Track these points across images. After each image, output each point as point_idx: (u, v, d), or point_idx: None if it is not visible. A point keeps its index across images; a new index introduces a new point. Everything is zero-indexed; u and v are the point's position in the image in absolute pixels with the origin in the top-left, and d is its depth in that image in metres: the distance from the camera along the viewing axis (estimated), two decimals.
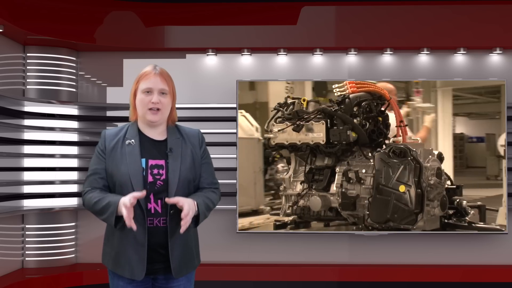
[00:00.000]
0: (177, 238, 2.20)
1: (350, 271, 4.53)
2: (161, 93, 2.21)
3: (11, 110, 4.20)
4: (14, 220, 4.42)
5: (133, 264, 2.17)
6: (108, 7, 4.57)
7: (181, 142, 2.27)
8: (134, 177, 2.16)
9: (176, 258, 2.20)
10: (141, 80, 2.22)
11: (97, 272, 4.46)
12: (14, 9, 4.03)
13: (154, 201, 2.18)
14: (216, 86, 4.71)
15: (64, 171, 4.56)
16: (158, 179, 2.19)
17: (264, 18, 4.60)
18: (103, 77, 4.77)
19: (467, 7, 4.55)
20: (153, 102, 2.19)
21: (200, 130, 2.38)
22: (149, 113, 2.20)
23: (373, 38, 4.57)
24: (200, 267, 2.41)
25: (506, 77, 4.55)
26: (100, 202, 2.15)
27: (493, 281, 4.49)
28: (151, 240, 2.17)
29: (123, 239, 2.19)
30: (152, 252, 2.18)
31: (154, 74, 2.22)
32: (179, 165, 2.21)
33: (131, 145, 2.22)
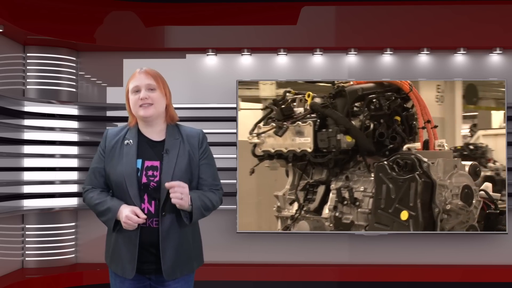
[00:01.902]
0: (171, 240, 2.19)
1: (350, 271, 4.53)
2: (149, 89, 2.22)
3: (11, 110, 4.20)
4: (14, 220, 4.42)
5: (124, 262, 2.20)
6: (108, 7, 4.57)
7: (179, 143, 2.25)
8: (128, 178, 2.17)
9: (168, 260, 2.19)
10: (129, 83, 2.25)
11: (97, 272, 4.46)
12: (14, 9, 4.03)
13: (148, 202, 2.19)
14: (216, 86, 4.71)
15: (64, 171, 4.56)
16: (152, 181, 2.19)
17: (264, 18, 4.60)
18: (103, 77, 4.77)
19: (467, 7, 4.55)
20: (141, 98, 2.20)
21: (203, 131, 2.36)
22: (140, 109, 2.21)
23: (373, 38, 4.57)
24: (200, 267, 2.41)
25: (506, 77, 4.55)
26: (101, 205, 2.20)
27: (493, 281, 4.49)
28: (143, 240, 2.18)
29: (118, 237, 2.22)
30: (144, 251, 2.20)
31: (138, 72, 2.24)
32: (173, 167, 2.19)
33: (129, 146, 2.23)
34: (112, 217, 2.17)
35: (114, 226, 2.19)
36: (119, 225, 2.17)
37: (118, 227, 2.19)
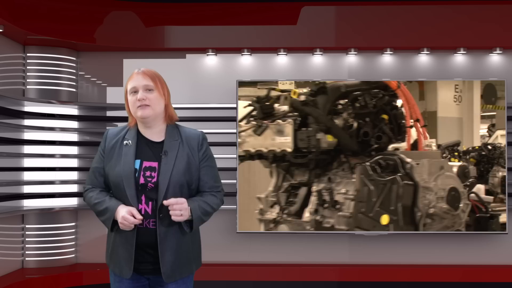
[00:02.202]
0: (169, 242, 2.19)
1: (350, 271, 4.53)
2: (146, 90, 2.21)
3: (11, 110, 4.20)
4: (14, 220, 4.42)
5: (122, 262, 2.21)
6: (108, 7, 4.57)
7: (178, 144, 2.24)
8: (125, 178, 2.17)
9: (167, 263, 2.19)
10: (127, 84, 2.25)
11: (97, 272, 4.46)
12: (14, 9, 4.03)
13: (145, 202, 2.18)
14: (216, 86, 4.71)
15: (64, 171, 4.56)
16: (150, 181, 2.18)
17: (264, 18, 4.60)
18: (103, 77, 4.77)
19: (467, 7, 4.55)
20: (138, 99, 2.19)
21: (203, 132, 2.34)
22: (138, 110, 2.21)
23: (373, 38, 4.57)
24: (200, 267, 2.41)
25: (506, 77, 4.55)
26: (99, 205, 2.22)
27: (493, 281, 4.49)
28: (140, 240, 2.18)
29: (116, 237, 2.24)
30: (141, 252, 2.20)
31: (136, 73, 2.24)
32: (171, 168, 2.18)
33: (128, 146, 2.23)
34: (110, 217, 2.18)
35: (112, 226, 2.21)
36: (117, 225, 2.18)
37: (116, 227, 2.20)
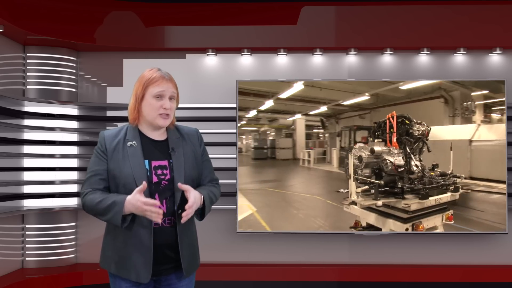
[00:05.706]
0: (185, 238, 2.21)
1: (350, 271, 4.53)
2: (171, 98, 2.21)
3: (11, 110, 4.20)
4: (14, 220, 4.42)
5: (138, 267, 2.14)
6: (108, 7, 4.57)
7: (181, 141, 2.28)
8: (139, 179, 2.13)
9: (186, 258, 2.21)
10: (151, 85, 2.18)
11: (97, 272, 4.46)
12: (14, 9, 4.03)
13: (159, 201, 2.15)
14: (216, 86, 4.71)
15: (64, 171, 4.56)
16: (163, 179, 2.18)
17: (264, 18, 4.60)
18: (103, 77, 4.77)
19: (467, 7, 4.55)
20: (165, 107, 2.18)
21: (198, 129, 2.40)
22: (160, 118, 2.19)
23: (373, 38, 4.57)
24: (200, 267, 2.41)
25: (506, 77, 4.55)
26: (104, 201, 2.11)
27: (493, 281, 4.49)
28: (156, 241, 2.15)
29: (127, 241, 2.16)
30: (158, 253, 2.16)
31: (166, 79, 2.20)
32: (183, 163, 2.22)
33: (133, 147, 2.20)
34: (119, 209, 2.06)
35: (122, 222, 2.09)
36: (126, 221, 2.09)
37: (125, 224, 2.10)
